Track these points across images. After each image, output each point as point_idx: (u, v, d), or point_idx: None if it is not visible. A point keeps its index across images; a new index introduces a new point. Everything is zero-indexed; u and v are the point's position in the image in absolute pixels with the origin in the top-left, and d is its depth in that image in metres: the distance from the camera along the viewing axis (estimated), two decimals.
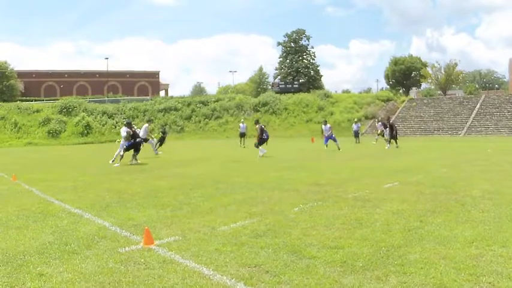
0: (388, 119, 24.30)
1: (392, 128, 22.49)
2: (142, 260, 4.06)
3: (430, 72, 60.94)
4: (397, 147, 21.58)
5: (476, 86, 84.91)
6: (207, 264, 3.90)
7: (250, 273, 3.67)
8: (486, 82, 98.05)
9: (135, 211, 6.40)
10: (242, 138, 26.43)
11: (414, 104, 48.27)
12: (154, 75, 79.45)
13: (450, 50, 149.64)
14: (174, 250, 4.35)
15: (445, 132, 40.30)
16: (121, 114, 47.31)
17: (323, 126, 21.78)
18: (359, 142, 26.80)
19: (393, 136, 22.23)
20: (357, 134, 28.01)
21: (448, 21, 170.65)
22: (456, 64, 58.85)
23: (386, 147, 21.38)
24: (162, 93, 75.32)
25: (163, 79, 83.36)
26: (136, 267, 3.87)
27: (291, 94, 53.84)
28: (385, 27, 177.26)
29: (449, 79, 58.86)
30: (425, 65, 65.55)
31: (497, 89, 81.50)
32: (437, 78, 59.90)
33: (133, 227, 5.40)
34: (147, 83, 76.56)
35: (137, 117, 46.94)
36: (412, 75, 70.31)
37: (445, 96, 54.64)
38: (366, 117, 45.14)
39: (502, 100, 43.81)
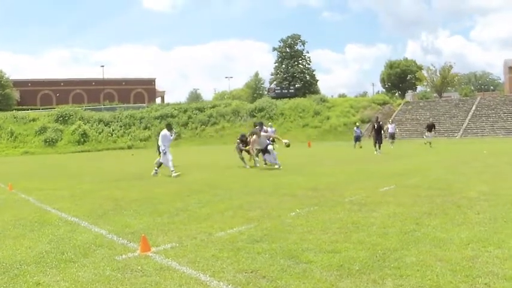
0: (377, 119, 22.03)
1: (380, 129, 20.36)
2: (139, 268, 4.05)
3: (426, 75, 61.28)
4: (377, 151, 19.54)
5: (472, 88, 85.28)
6: (204, 271, 3.90)
7: (247, 278, 3.67)
8: (481, 84, 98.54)
9: (132, 218, 6.39)
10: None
11: (410, 107, 48.48)
12: (151, 82, 79.64)
13: (445, 53, 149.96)
14: (171, 257, 4.35)
15: (441, 134, 40.42)
16: (117, 122, 47.28)
17: (267, 128, 16.51)
18: (356, 147, 26.70)
19: (378, 139, 19.94)
20: (358, 139, 27.85)
21: (443, 24, 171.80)
22: (451, 66, 59.28)
23: (375, 153, 19.31)
24: (158, 100, 75.33)
25: (159, 86, 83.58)
26: (133, 275, 3.87)
27: (287, 99, 53.98)
28: (380, 31, 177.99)
29: (445, 81, 59.20)
30: (420, 68, 66.05)
31: (493, 90, 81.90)
32: (433, 80, 60.21)
33: (130, 234, 5.39)
34: (143, 90, 76.69)
35: (134, 124, 46.96)
36: (408, 78, 70.83)
37: (441, 98, 54.86)
38: (363, 121, 45.29)
39: (498, 102, 44.05)
